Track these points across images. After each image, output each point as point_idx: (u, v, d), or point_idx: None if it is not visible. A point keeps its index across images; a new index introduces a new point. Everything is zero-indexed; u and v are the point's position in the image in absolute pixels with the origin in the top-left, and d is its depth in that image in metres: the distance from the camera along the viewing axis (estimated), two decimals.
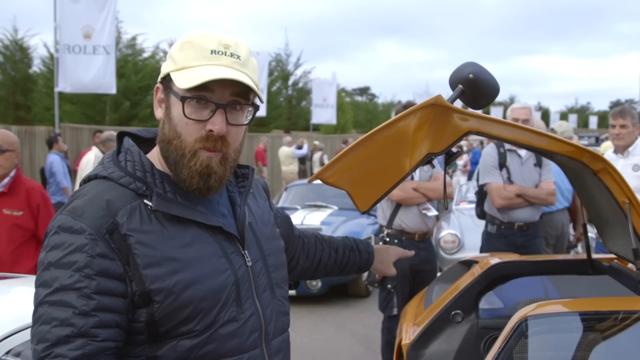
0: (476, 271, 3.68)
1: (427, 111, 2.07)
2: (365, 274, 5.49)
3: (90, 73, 11.14)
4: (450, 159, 2.26)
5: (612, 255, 3.34)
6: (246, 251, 1.69)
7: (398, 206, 5.12)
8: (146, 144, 1.75)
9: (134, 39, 22.56)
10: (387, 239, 5.18)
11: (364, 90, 75.51)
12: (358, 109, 47.39)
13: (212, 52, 1.58)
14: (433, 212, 5.17)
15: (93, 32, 11.04)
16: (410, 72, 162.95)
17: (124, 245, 1.50)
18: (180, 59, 1.60)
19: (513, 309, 3.85)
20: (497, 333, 3.48)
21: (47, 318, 1.44)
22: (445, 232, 8.21)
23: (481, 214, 5.95)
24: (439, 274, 7.46)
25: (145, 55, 23.49)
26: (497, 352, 2.44)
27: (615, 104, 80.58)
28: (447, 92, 2.25)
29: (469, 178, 15.85)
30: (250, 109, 1.66)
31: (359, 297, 8.56)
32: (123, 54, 20.82)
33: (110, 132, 9.52)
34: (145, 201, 1.57)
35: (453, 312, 3.51)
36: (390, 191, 2.12)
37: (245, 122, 1.66)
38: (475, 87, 2.21)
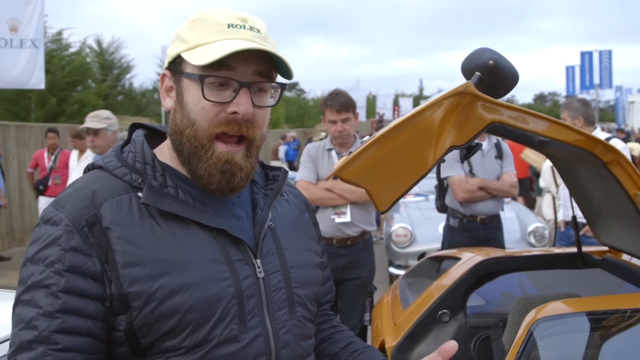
0: (461, 268, 3.53)
1: (455, 100, 1.89)
2: None
3: (18, 68, 10.42)
4: (470, 152, 2.08)
5: (603, 248, 3.26)
6: (259, 260, 1.43)
7: (317, 208, 4.47)
8: (162, 138, 1.54)
9: (59, 33, 21.70)
10: None
11: (292, 86, 75.40)
12: (289, 104, 47.27)
13: (229, 25, 1.39)
14: (343, 219, 4.41)
15: (20, 25, 10.36)
16: (336, 68, 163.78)
17: (105, 240, 1.30)
18: (192, 37, 1.39)
19: (499, 305, 3.75)
20: (487, 332, 3.36)
21: (18, 319, 1.28)
22: (397, 226, 8.10)
23: (442, 207, 5.84)
24: (401, 271, 7.47)
25: (72, 50, 22.70)
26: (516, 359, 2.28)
27: (539, 97, 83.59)
28: (374, 87, 2.06)
29: None
30: (275, 88, 1.46)
31: None
32: (48, 49, 19.93)
33: None
34: (140, 194, 1.36)
35: (440, 312, 3.35)
36: (411, 188, 1.93)
37: (272, 104, 1.46)
38: (495, 75, 2.04)
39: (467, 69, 2.09)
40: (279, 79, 1.47)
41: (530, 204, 11.79)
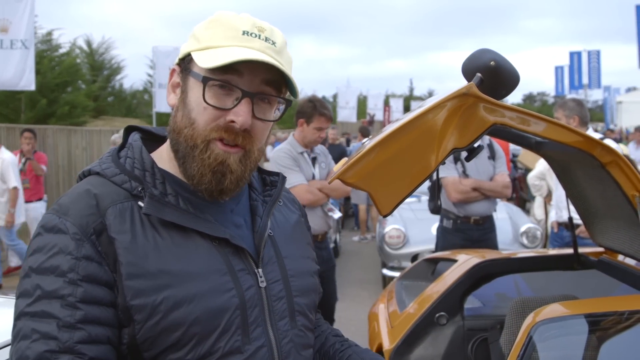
0: (457, 271, 3.52)
1: (458, 101, 1.88)
2: None
3: (8, 69, 10.33)
4: (472, 154, 2.08)
5: (598, 249, 3.26)
6: (260, 269, 1.42)
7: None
8: (159, 142, 1.51)
9: (49, 34, 21.64)
10: None
11: None
12: None
13: (244, 32, 1.36)
14: (337, 214, 4.86)
15: (10, 26, 10.31)
16: (326, 69, 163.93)
17: (112, 249, 1.27)
18: (206, 37, 1.37)
19: (496, 307, 3.75)
20: (485, 334, 3.36)
21: (26, 332, 1.21)
22: (390, 227, 8.03)
23: (435, 208, 5.83)
24: (394, 273, 7.46)
25: (62, 51, 22.61)
26: None
27: (528, 97, 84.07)
28: (364, 87, 2.05)
29: None
30: (281, 103, 1.43)
31: None
32: (38, 50, 19.87)
33: None
34: (140, 203, 1.33)
35: (437, 315, 3.34)
36: (413, 191, 1.92)
37: (274, 119, 1.42)
38: (497, 76, 2.03)
39: (468, 70, 2.08)
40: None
41: (521, 204, 11.83)
